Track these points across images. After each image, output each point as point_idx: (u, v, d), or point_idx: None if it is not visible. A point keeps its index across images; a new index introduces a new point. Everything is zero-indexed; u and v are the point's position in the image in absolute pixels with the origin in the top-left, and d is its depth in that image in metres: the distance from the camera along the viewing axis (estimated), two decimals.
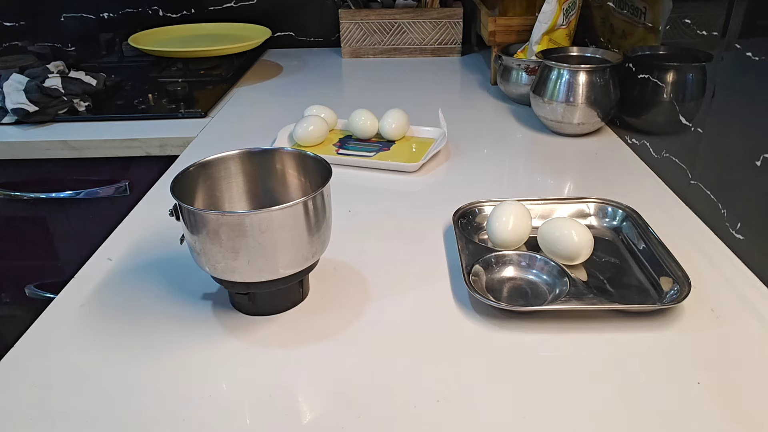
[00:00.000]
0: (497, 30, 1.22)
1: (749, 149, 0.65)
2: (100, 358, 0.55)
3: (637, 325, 0.57)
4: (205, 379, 0.53)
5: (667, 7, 0.85)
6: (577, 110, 0.96)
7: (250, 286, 0.57)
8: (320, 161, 0.60)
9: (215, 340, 0.57)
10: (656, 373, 0.52)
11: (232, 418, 0.49)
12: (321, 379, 0.53)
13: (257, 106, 1.22)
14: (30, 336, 0.58)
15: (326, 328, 0.58)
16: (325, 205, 0.58)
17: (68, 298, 0.63)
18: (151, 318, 0.60)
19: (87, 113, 1.15)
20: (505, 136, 1.04)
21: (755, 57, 0.65)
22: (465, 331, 0.58)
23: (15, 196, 1.11)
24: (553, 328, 0.57)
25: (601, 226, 0.73)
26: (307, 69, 1.45)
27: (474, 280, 0.62)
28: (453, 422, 0.48)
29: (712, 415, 0.48)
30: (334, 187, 0.86)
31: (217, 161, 0.62)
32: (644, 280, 0.63)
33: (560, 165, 0.93)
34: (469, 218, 0.73)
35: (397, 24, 1.47)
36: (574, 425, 0.47)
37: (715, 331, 0.57)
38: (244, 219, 0.52)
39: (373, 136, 1.00)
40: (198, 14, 1.58)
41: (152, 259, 0.70)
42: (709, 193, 0.73)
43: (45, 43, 1.60)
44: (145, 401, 0.50)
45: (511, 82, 1.14)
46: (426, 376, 0.52)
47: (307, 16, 1.60)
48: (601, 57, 1.02)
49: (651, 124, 0.91)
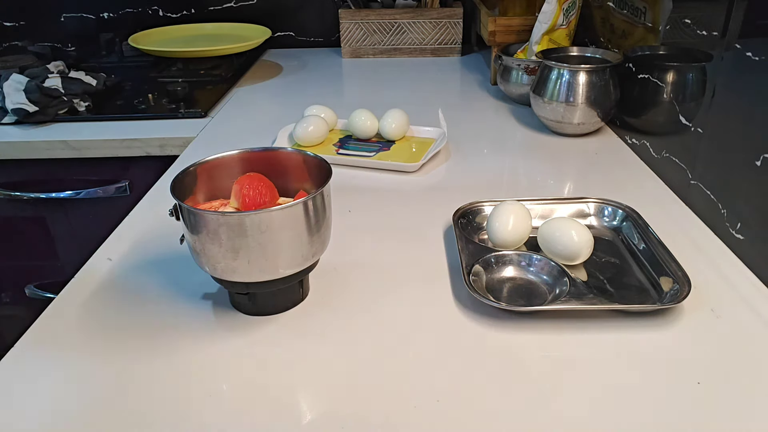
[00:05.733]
0: (497, 30, 1.22)
1: (749, 149, 0.65)
2: (100, 358, 0.55)
3: (637, 325, 0.57)
4: (205, 379, 0.53)
5: (667, 7, 0.85)
6: (577, 110, 0.96)
7: (250, 286, 0.57)
8: (320, 161, 0.60)
9: (215, 340, 0.57)
10: (656, 373, 0.52)
11: (232, 418, 0.49)
12: (321, 379, 0.53)
13: (257, 106, 1.22)
14: (30, 336, 0.58)
15: (326, 328, 0.58)
16: (325, 205, 0.58)
17: (68, 298, 0.63)
18: (151, 318, 0.60)
19: (87, 113, 1.15)
20: (505, 136, 1.04)
21: (755, 57, 0.65)
22: (465, 331, 0.58)
23: (15, 196, 1.11)
24: (553, 328, 0.57)
25: (601, 226, 0.73)
26: (307, 69, 1.45)
27: (474, 280, 0.62)
28: (453, 422, 0.48)
29: (712, 415, 0.48)
30: (334, 187, 0.86)
31: (217, 161, 0.62)
32: (644, 280, 0.63)
33: (560, 165, 0.93)
34: (469, 218, 0.73)
35: (397, 24, 1.47)
36: (574, 425, 0.47)
37: (715, 331, 0.57)
38: (244, 219, 0.52)
39: (373, 136, 1.00)
40: (198, 14, 1.58)
41: (152, 259, 0.70)
42: (709, 193, 0.73)
43: (45, 43, 1.60)
44: (145, 401, 0.50)
45: (511, 82, 1.14)
46: (426, 376, 0.52)
47: (307, 16, 1.60)
48: (601, 57, 1.02)
49: (651, 124, 0.91)
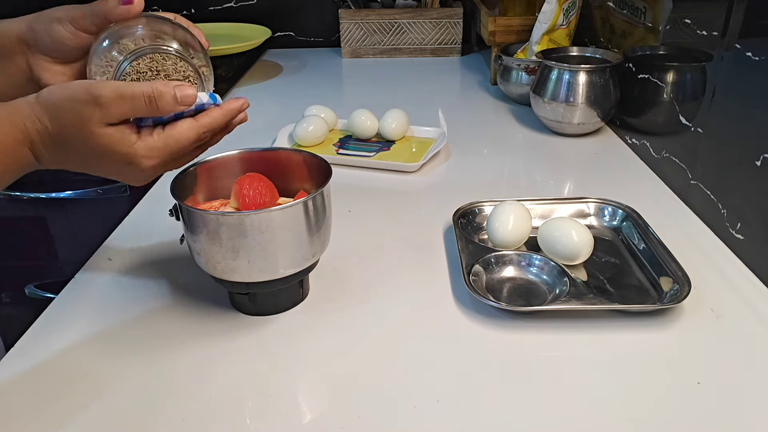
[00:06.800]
0: (497, 30, 1.22)
1: (749, 149, 0.65)
2: (100, 358, 0.55)
3: (637, 325, 0.57)
4: (205, 379, 0.53)
5: (667, 7, 0.85)
6: (577, 110, 0.96)
7: (250, 286, 0.57)
8: (320, 161, 0.60)
9: (215, 340, 0.57)
10: (656, 373, 0.52)
11: (232, 418, 0.49)
12: (321, 379, 0.53)
13: (257, 106, 1.22)
14: (30, 336, 0.58)
15: (326, 328, 0.58)
16: (325, 205, 0.58)
17: (68, 298, 0.63)
18: (151, 318, 0.60)
19: None
20: (505, 136, 1.04)
21: (755, 57, 0.65)
22: (465, 331, 0.58)
23: (15, 196, 1.11)
24: (553, 328, 0.57)
25: (601, 226, 0.73)
26: (307, 69, 1.45)
27: (474, 280, 0.62)
28: (453, 422, 0.48)
29: (712, 415, 0.48)
30: (334, 187, 0.85)
31: (217, 161, 0.62)
32: (644, 280, 0.63)
33: (560, 165, 0.93)
34: (469, 218, 0.73)
35: (397, 24, 1.47)
36: (574, 425, 0.47)
37: (715, 331, 0.57)
38: (244, 219, 0.52)
39: (373, 136, 1.00)
40: (198, 14, 1.58)
41: (152, 259, 0.70)
42: (709, 193, 0.73)
43: None
44: (146, 401, 0.50)
45: (511, 82, 1.14)
46: (426, 376, 0.52)
47: (307, 16, 1.60)
48: (601, 57, 1.02)
49: (651, 124, 0.91)
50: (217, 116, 0.50)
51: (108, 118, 0.45)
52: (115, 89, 0.45)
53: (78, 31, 0.51)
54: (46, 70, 0.53)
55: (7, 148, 0.45)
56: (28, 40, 0.52)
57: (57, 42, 0.51)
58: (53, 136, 0.46)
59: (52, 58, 0.53)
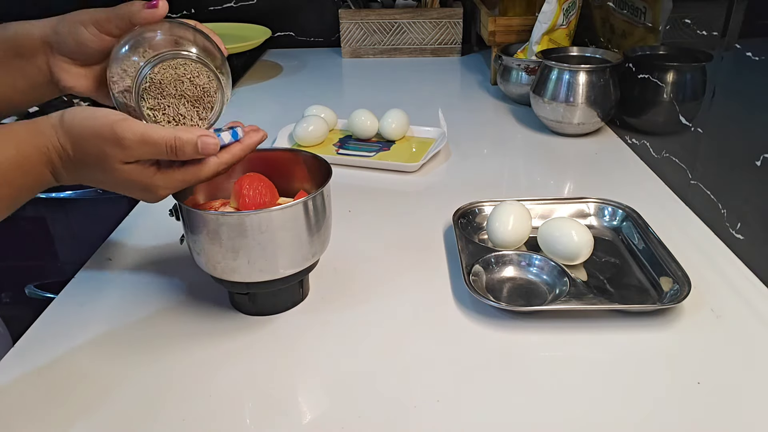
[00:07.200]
0: (497, 30, 1.22)
1: (749, 149, 0.65)
2: (100, 358, 0.55)
3: (637, 325, 0.57)
4: (205, 379, 0.53)
5: (667, 7, 0.85)
6: (577, 110, 0.96)
7: (250, 286, 0.57)
8: (320, 161, 0.60)
9: (215, 340, 0.57)
10: (656, 373, 0.52)
11: (232, 418, 0.49)
12: (321, 379, 0.53)
13: (257, 106, 1.22)
14: (30, 336, 0.58)
15: (326, 328, 0.58)
16: (325, 205, 0.58)
17: (68, 298, 0.63)
18: (151, 318, 0.60)
19: None
20: (505, 136, 1.04)
21: (755, 57, 0.65)
22: (465, 331, 0.58)
23: None
24: (553, 328, 0.57)
25: (601, 226, 0.73)
26: (307, 69, 1.45)
27: (474, 280, 0.62)
28: (453, 422, 0.48)
29: (712, 415, 0.48)
30: (334, 187, 0.85)
31: None
32: (644, 280, 0.63)
33: (560, 165, 0.93)
34: (469, 218, 0.73)
35: (397, 24, 1.47)
36: (574, 425, 0.47)
37: (715, 331, 0.57)
38: (244, 219, 0.52)
39: (373, 136, 1.00)
40: (198, 14, 1.58)
41: (152, 259, 0.70)
42: (709, 193, 0.73)
43: None
44: (146, 401, 0.50)
45: (511, 82, 1.14)
46: (426, 376, 0.52)
47: (307, 16, 1.60)
48: (601, 57, 1.02)
49: (651, 124, 0.91)
50: (237, 152, 0.51)
51: (129, 158, 0.47)
52: (139, 135, 0.46)
53: (101, 34, 0.51)
54: (66, 71, 0.54)
55: (29, 169, 0.47)
56: (52, 42, 0.53)
57: (80, 44, 0.52)
58: (74, 162, 0.47)
59: (73, 60, 0.53)
